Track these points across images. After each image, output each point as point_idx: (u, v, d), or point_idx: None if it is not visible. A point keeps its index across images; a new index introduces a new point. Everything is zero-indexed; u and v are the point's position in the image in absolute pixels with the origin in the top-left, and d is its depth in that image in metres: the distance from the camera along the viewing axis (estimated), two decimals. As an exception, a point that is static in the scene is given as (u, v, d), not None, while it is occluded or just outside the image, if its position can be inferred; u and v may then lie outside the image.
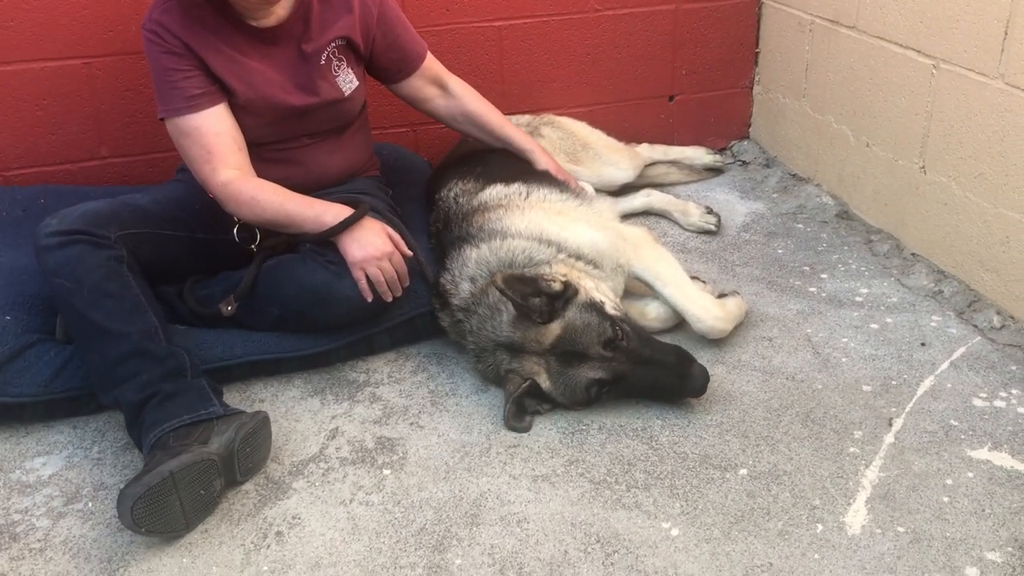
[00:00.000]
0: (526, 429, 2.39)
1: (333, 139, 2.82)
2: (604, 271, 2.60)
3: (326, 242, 2.53)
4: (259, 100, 2.60)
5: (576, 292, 2.39)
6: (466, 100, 3.03)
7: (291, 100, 2.65)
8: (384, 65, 2.90)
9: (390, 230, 2.58)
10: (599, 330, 2.33)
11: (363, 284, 2.50)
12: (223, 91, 2.57)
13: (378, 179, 3.01)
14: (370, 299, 2.51)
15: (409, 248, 2.62)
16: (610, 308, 2.40)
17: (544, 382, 2.38)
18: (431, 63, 2.98)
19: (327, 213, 2.52)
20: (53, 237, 2.32)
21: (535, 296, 2.35)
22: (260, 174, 2.59)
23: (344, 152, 2.86)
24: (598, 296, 2.42)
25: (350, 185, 2.84)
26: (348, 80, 2.75)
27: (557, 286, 2.38)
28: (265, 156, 2.66)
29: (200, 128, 2.52)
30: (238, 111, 2.60)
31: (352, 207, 2.54)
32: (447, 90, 3.01)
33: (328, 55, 2.69)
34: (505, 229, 2.62)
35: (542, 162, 3.07)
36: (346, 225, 2.50)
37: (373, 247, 2.50)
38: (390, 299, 2.56)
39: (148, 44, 2.54)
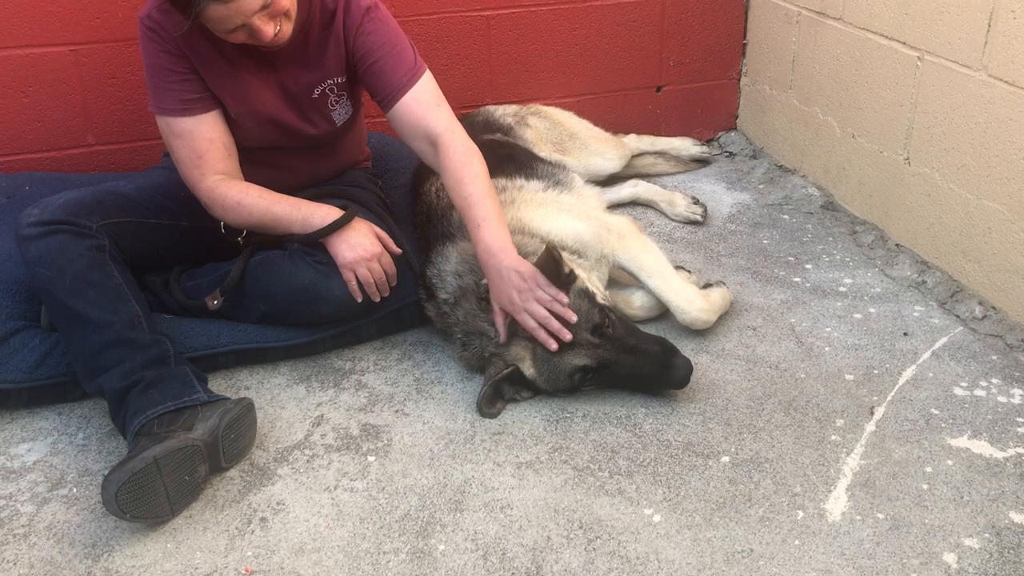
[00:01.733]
0: (495, 415, 2.40)
1: (325, 147, 2.80)
2: (588, 261, 2.62)
3: (315, 243, 2.53)
4: (250, 116, 2.57)
5: (575, 279, 2.42)
6: (452, 173, 2.46)
7: (283, 121, 2.61)
8: (368, 88, 2.64)
9: (378, 230, 2.58)
10: (588, 315, 2.34)
11: (353, 285, 2.50)
12: (217, 100, 2.53)
13: (368, 170, 3.01)
14: (360, 299, 2.52)
15: (397, 245, 2.62)
16: (600, 298, 2.43)
17: (528, 368, 2.40)
18: (415, 105, 2.52)
19: (315, 215, 2.50)
20: (34, 227, 2.31)
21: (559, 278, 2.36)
22: (250, 175, 2.57)
23: (336, 156, 2.85)
24: (590, 286, 2.44)
25: (340, 178, 2.84)
26: (344, 112, 2.70)
27: (566, 269, 2.40)
28: (255, 159, 2.64)
29: (192, 132, 2.49)
30: (228, 122, 2.57)
31: (340, 208, 2.53)
32: (436, 146, 2.51)
33: (324, 91, 2.61)
34: None
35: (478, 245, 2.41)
36: (335, 228, 2.49)
37: (363, 248, 2.50)
38: (379, 299, 2.56)
39: (145, 39, 2.48)
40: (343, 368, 2.62)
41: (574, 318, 2.31)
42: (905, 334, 2.69)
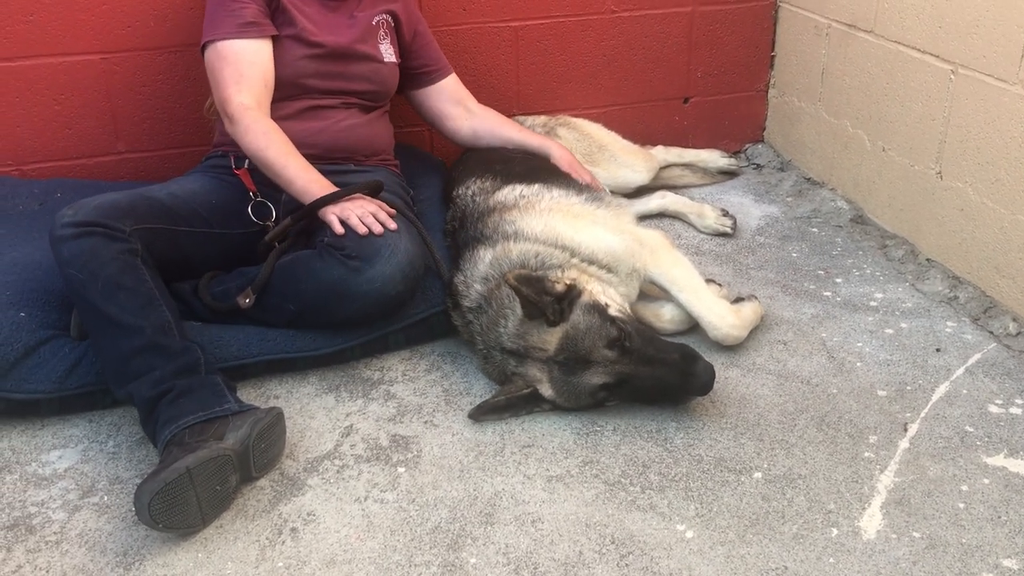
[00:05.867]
0: (482, 421, 2.42)
1: (362, 112, 2.93)
2: (619, 276, 2.59)
3: (343, 239, 2.51)
4: (313, 30, 2.80)
5: (580, 293, 2.39)
6: (488, 117, 3.23)
7: (340, 37, 2.85)
8: (418, 62, 3.12)
9: (379, 205, 2.59)
10: (601, 332, 2.32)
11: (332, 219, 2.51)
12: (278, 26, 2.75)
13: (400, 178, 3.02)
14: (341, 232, 2.50)
15: (428, 249, 2.66)
16: (614, 310, 2.39)
17: (546, 390, 2.39)
18: (458, 82, 3.21)
19: (318, 183, 2.57)
20: (68, 228, 2.31)
21: (544, 295, 2.35)
22: (291, 126, 2.71)
23: (372, 128, 2.95)
24: (603, 299, 2.41)
25: (373, 174, 2.84)
26: (388, 52, 2.98)
27: (561, 287, 2.38)
28: (301, 107, 2.81)
29: (239, 54, 2.67)
30: (291, 42, 2.77)
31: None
32: (470, 111, 3.22)
33: (379, 21, 2.95)
34: (519, 231, 2.61)
35: (558, 156, 3.15)
36: (333, 198, 2.53)
37: (351, 204, 2.54)
38: (363, 231, 2.50)
39: None
40: (372, 378, 2.62)
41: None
42: (938, 350, 2.66)
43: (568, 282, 2.41)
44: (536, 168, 2.97)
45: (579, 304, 2.37)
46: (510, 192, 2.80)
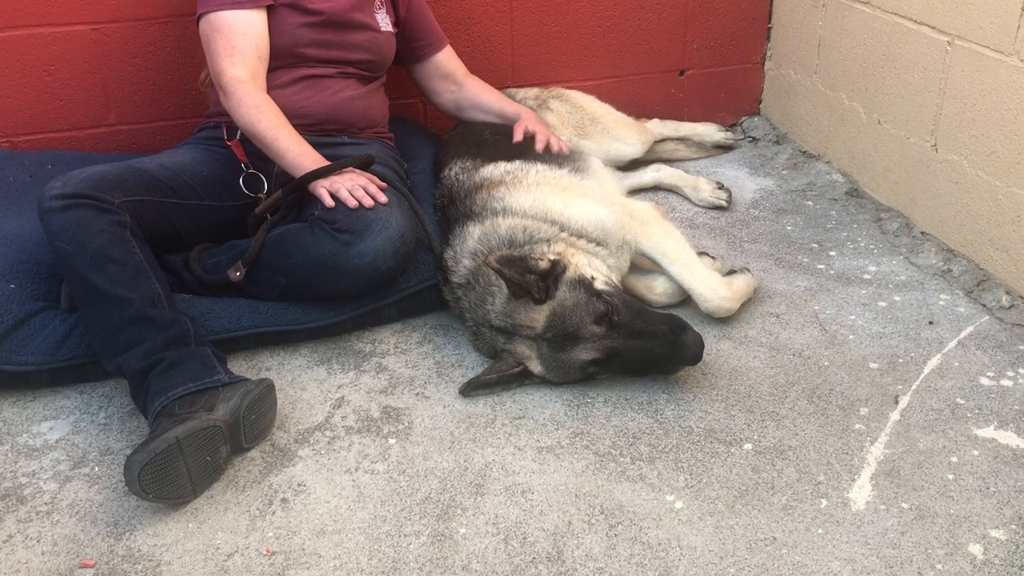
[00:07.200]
0: (473, 396, 2.41)
1: (359, 83, 2.92)
2: (609, 249, 2.59)
3: (333, 212, 2.51)
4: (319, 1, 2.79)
5: (565, 269, 2.37)
6: (472, 87, 3.24)
7: (337, 4, 2.82)
8: (412, 35, 3.12)
9: (369, 179, 2.58)
10: (588, 307, 2.30)
11: (322, 192, 2.50)
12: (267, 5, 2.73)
13: (394, 151, 3.00)
14: (331, 205, 2.49)
15: (420, 222, 2.63)
16: (600, 283, 2.37)
17: (535, 367, 2.38)
18: (449, 56, 3.21)
19: (309, 156, 2.56)
20: (56, 200, 2.30)
21: (528, 274, 2.33)
22: (288, 96, 2.72)
23: (368, 101, 2.94)
24: (588, 272, 2.39)
25: (367, 147, 2.83)
26: (384, 21, 2.98)
27: (544, 264, 2.36)
28: (299, 75, 2.79)
29: (232, 26, 2.65)
30: (288, 11, 2.74)
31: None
32: (458, 83, 3.23)
33: None
34: (508, 207, 2.60)
35: (526, 117, 3.13)
36: (324, 172, 2.53)
37: (341, 177, 2.54)
38: (354, 205, 2.49)
39: None
40: (364, 350, 2.62)
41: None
42: (930, 323, 2.66)
43: (552, 257, 2.39)
44: (514, 146, 2.95)
45: (564, 280, 2.35)
46: (494, 169, 2.79)
